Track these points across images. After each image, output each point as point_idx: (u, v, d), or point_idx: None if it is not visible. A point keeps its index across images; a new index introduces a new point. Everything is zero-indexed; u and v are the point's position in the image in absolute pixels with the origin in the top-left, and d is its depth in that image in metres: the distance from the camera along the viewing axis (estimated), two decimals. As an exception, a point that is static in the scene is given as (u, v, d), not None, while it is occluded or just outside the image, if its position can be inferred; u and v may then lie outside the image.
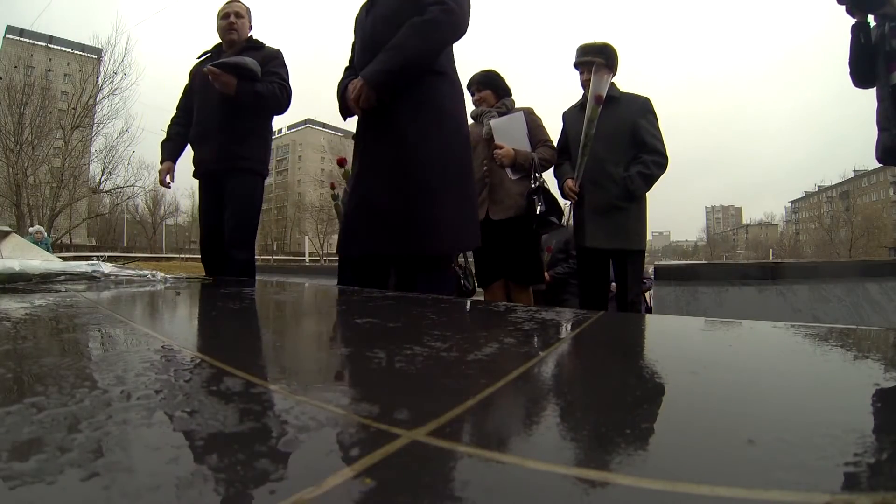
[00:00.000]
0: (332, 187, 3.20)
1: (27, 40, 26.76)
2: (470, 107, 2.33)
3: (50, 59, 27.12)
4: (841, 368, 0.46)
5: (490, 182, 2.19)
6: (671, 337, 0.67)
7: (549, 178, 2.28)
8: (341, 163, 2.80)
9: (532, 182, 2.13)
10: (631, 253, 2.10)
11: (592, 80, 2.01)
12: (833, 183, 42.47)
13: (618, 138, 2.04)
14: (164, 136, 2.30)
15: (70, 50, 28.15)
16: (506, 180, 2.17)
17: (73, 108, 18.36)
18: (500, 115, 2.23)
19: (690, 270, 2.59)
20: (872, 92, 1.85)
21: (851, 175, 39.91)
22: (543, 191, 2.14)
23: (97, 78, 18.93)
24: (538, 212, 2.08)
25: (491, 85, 2.32)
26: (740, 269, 2.57)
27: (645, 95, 2.13)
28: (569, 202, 2.22)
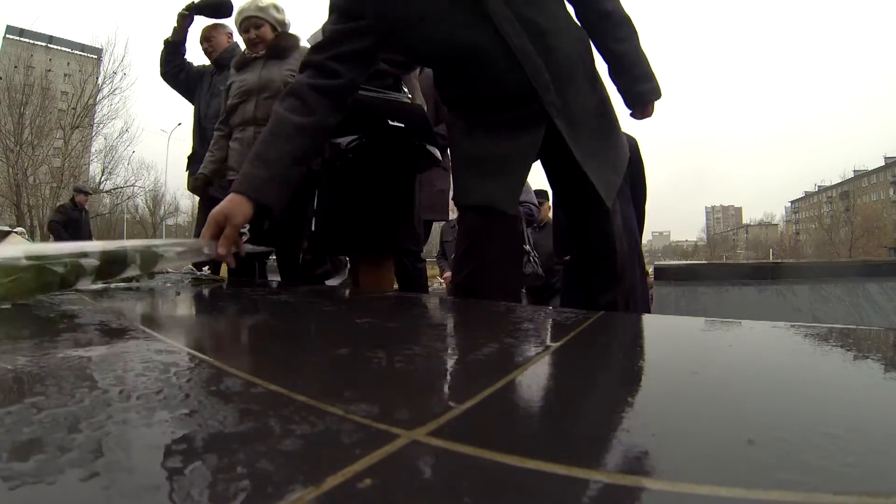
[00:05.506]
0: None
1: (27, 40, 26.69)
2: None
3: (50, 59, 27.07)
4: (841, 368, 0.46)
5: None
6: (671, 337, 0.67)
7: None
8: None
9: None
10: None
11: None
12: (833, 183, 42.44)
13: None
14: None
15: (70, 50, 28.16)
16: None
17: (72, 109, 18.38)
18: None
19: (690, 270, 2.59)
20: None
21: (851, 175, 39.86)
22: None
23: (97, 78, 18.97)
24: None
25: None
26: (740, 269, 2.58)
27: None
28: None
